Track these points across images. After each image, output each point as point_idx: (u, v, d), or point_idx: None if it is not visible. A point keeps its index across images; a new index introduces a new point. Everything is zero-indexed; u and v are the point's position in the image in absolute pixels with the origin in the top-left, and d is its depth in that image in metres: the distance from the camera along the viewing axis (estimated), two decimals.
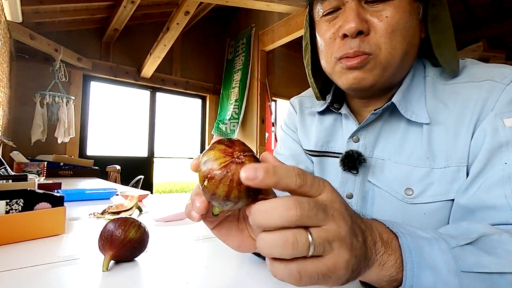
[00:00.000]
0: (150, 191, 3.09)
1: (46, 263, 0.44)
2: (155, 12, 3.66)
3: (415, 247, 0.28)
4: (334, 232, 0.24)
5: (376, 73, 0.45)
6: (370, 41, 0.44)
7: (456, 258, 0.29)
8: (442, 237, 0.30)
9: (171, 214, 0.76)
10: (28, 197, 0.59)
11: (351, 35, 0.44)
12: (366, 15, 0.44)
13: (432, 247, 0.29)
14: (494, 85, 0.43)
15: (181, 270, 0.43)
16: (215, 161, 0.27)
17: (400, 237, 0.29)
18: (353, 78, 0.46)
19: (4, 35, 2.19)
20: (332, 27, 0.47)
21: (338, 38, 0.47)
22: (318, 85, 0.59)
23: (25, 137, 2.80)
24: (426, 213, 0.45)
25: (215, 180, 0.26)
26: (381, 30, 0.43)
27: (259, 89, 3.64)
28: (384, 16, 0.43)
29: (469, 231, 0.34)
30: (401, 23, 0.43)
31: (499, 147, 0.39)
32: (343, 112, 0.56)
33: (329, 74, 0.52)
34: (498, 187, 0.38)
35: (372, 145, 0.53)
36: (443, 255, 0.29)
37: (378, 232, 0.29)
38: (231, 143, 0.28)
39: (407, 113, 0.48)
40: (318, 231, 0.24)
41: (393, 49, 0.44)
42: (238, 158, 0.27)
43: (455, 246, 0.30)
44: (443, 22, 0.47)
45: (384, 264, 0.28)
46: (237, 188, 0.26)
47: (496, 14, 3.55)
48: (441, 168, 0.45)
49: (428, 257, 0.28)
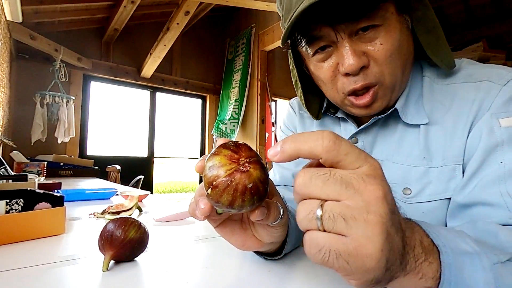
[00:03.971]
0: (150, 191, 3.09)
1: (46, 263, 0.44)
2: (155, 12, 3.66)
3: (456, 264, 0.26)
4: (357, 209, 0.21)
5: (386, 98, 0.46)
6: (373, 71, 0.44)
7: (497, 276, 0.27)
8: (484, 251, 0.28)
9: (171, 214, 0.75)
10: (28, 197, 0.59)
11: (353, 73, 0.43)
12: (361, 48, 0.43)
13: (473, 264, 0.27)
14: (491, 86, 0.43)
15: (181, 270, 0.43)
16: (220, 168, 0.26)
17: (442, 252, 0.26)
18: (367, 112, 0.48)
19: (4, 35, 2.19)
20: (329, 65, 0.46)
21: (339, 75, 0.46)
22: (315, 108, 0.59)
23: (25, 137, 2.80)
24: (425, 212, 0.46)
25: (219, 189, 0.26)
26: (380, 58, 0.43)
27: (259, 89, 3.64)
28: (379, 44, 0.42)
29: (494, 237, 0.33)
30: (396, 44, 0.43)
31: (495, 147, 0.40)
32: (340, 116, 0.57)
33: (338, 106, 0.53)
34: (494, 186, 0.38)
35: (370, 146, 0.53)
36: (484, 274, 0.27)
37: (419, 236, 0.26)
38: (237, 148, 0.28)
39: (407, 118, 0.48)
40: (332, 205, 0.21)
41: (395, 69, 0.44)
42: (243, 166, 0.26)
43: (497, 262, 0.28)
44: (428, 21, 0.46)
45: (423, 274, 0.25)
46: (241, 198, 0.26)
47: (496, 14, 3.55)
48: (438, 167, 0.45)
49: (468, 277, 0.26)
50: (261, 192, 0.27)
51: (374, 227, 0.21)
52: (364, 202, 0.21)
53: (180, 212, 0.76)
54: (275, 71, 4.26)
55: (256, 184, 0.26)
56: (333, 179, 0.22)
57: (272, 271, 0.41)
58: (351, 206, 0.21)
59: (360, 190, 0.21)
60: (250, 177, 0.26)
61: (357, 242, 0.21)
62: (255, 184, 0.26)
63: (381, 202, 0.21)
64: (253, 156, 0.28)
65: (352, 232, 0.21)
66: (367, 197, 0.21)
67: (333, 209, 0.21)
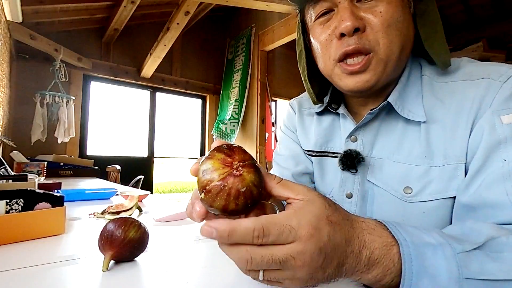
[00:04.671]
0: (150, 191, 3.09)
1: (46, 263, 0.44)
2: (155, 12, 3.66)
3: (417, 255, 0.28)
4: (289, 276, 0.27)
5: (379, 71, 0.46)
6: (368, 37, 0.44)
7: (460, 265, 0.28)
8: (448, 242, 0.30)
9: (171, 214, 0.75)
10: (28, 197, 0.59)
11: (348, 33, 0.44)
12: (360, 13, 0.44)
13: (435, 254, 0.29)
14: (491, 83, 0.43)
15: (181, 270, 0.43)
16: (213, 172, 0.27)
17: (401, 245, 0.29)
18: (355, 81, 0.46)
19: (4, 35, 2.19)
20: (327, 29, 0.47)
21: (334, 39, 0.46)
22: (315, 89, 0.59)
23: (25, 137, 2.80)
24: (425, 211, 0.46)
25: (212, 193, 0.26)
26: (377, 25, 0.43)
27: (259, 89, 3.64)
28: (378, 12, 0.43)
29: (476, 233, 0.33)
30: (395, 17, 0.44)
31: (498, 144, 0.39)
32: (341, 112, 0.56)
33: (327, 77, 0.52)
34: (498, 184, 0.38)
35: (370, 145, 0.53)
36: (447, 262, 0.28)
37: (370, 251, 0.29)
38: (230, 152, 0.28)
39: (404, 111, 0.48)
40: (270, 273, 0.27)
41: (391, 43, 0.44)
42: (237, 170, 0.26)
43: (461, 251, 0.29)
44: (431, 16, 0.47)
45: (360, 278, 0.30)
46: (234, 202, 0.26)
47: (496, 14, 3.55)
48: (440, 166, 0.45)
49: (429, 265, 0.28)
50: (255, 196, 0.27)
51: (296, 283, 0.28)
52: (292, 273, 0.27)
53: (180, 212, 0.76)
54: (275, 71, 4.26)
55: (249, 188, 0.26)
56: (269, 260, 0.27)
57: None
58: (284, 274, 0.28)
59: (290, 265, 0.27)
60: (244, 181, 0.26)
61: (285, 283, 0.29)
62: (249, 188, 0.26)
63: (305, 270, 0.27)
64: (247, 159, 0.28)
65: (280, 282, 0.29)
66: (298, 270, 0.27)
67: (271, 275, 0.28)
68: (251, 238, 0.25)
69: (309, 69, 0.56)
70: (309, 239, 0.26)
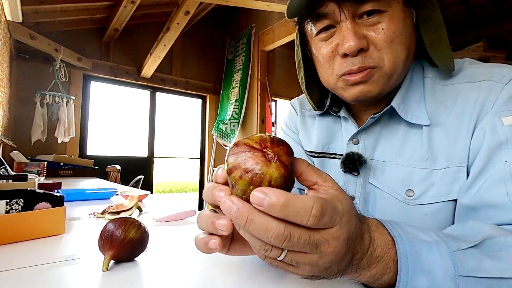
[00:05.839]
0: (150, 191, 3.09)
1: (46, 263, 0.44)
2: (155, 12, 3.66)
3: (412, 251, 0.29)
4: (311, 261, 0.26)
5: (382, 83, 0.45)
6: (372, 55, 0.44)
7: (456, 262, 0.28)
8: (444, 240, 0.30)
9: (171, 214, 0.75)
10: (28, 197, 0.59)
11: (351, 54, 0.43)
12: (363, 30, 0.43)
13: (431, 251, 0.29)
14: (493, 85, 0.43)
15: (181, 270, 0.42)
16: (248, 155, 0.26)
17: (397, 242, 0.29)
18: (358, 91, 0.46)
19: (4, 35, 2.19)
20: (329, 45, 0.46)
21: (337, 56, 0.46)
22: (315, 95, 0.58)
23: (25, 137, 2.80)
24: (428, 214, 0.45)
25: (251, 173, 0.26)
26: (381, 43, 0.43)
27: (259, 89, 3.64)
28: (381, 29, 0.43)
29: (475, 232, 0.34)
30: (398, 32, 0.43)
31: (499, 146, 0.39)
32: (342, 115, 0.56)
33: (330, 89, 0.52)
34: (499, 186, 0.38)
35: (372, 147, 0.53)
36: (442, 259, 0.29)
37: (374, 248, 0.29)
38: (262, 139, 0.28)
39: (407, 115, 0.48)
40: (293, 254, 0.26)
41: (396, 57, 0.44)
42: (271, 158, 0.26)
43: (456, 249, 0.29)
44: (434, 21, 0.47)
45: (359, 275, 0.30)
46: (275, 182, 0.26)
47: (496, 14, 3.55)
48: (442, 169, 0.45)
49: (425, 261, 0.28)
50: (292, 178, 0.27)
51: (313, 269, 0.27)
52: (321, 258, 0.26)
53: (180, 212, 0.76)
54: (275, 71, 4.26)
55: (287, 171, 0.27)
56: (304, 241, 0.25)
57: (272, 271, 0.41)
58: (309, 258, 0.26)
59: (320, 251, 0.26)
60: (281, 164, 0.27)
61: (296, 270, 0.28)
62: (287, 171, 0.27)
63: (332, 257, 0.26)
64: (282, 141, 0.28)
65: (296, 266, 0.27)
66: (326, 256, 0.26)
67: (294, 257, 0.26)
68: (308, 216, 0.24)
69: (308, 78, 0.56)
70: (345, 226, 0.26)
